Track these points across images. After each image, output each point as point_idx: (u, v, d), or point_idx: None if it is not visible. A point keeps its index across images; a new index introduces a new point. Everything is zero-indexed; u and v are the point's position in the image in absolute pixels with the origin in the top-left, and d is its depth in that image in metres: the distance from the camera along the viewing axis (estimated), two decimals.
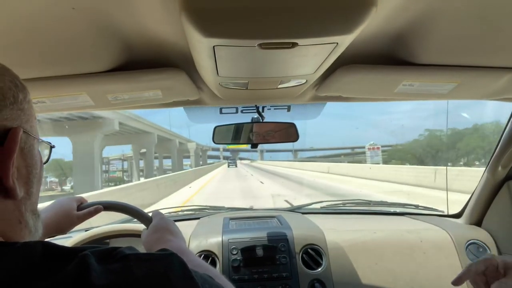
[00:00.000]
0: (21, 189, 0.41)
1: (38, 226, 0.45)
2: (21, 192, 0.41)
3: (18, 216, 0.41)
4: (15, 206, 0.41)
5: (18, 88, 0.42)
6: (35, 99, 0.89)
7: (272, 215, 1.61)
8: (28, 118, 0.44)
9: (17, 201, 0.41)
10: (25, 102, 0.43)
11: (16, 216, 0.41)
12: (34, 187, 0.44)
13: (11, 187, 0.39)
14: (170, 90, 0.96)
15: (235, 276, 1.22)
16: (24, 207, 0.42)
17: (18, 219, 0.41)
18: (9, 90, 0.40)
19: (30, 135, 0.43)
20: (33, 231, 0.44)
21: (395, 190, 11.45)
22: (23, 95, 0.43)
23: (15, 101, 0.41)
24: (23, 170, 0.42)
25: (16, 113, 0.41)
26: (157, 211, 0.84)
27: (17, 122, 0.41)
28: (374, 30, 0.70)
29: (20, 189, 0.41)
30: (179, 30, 0.63)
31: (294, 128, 1.18)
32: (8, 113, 0.40)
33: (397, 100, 1.13)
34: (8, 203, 0.40)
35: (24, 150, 0.42)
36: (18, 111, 0.42)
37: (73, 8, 0.57)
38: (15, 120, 0.41)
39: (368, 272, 1.28)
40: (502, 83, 0.92)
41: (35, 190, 0.45)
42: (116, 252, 0.37)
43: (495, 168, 1.33)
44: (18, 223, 0.41)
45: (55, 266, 0.33)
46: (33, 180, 0.44)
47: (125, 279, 0.34)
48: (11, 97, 0.40)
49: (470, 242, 1.34)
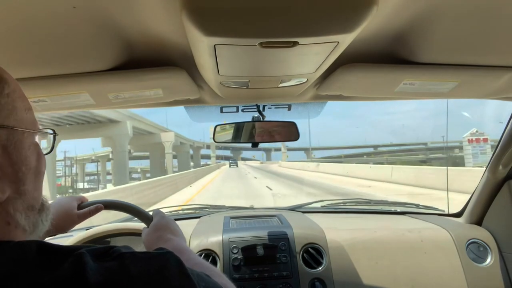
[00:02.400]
0: (6, 190, 0.38)
1: (37, 222, 0.43)
2: (6, 192, 0.38)
3: (5, 217, 0.39)
4: (1, 208, 0.38)
5: None
6: (36, 98, 0.89)
7: (273, 214, 1.61)
8: (8, 113, 0.40)
9: (3, 203, 0.38)
10: (3, 95, 0.40)
11: (3, 217, 0.39)
12: (27, 184, 0.42)
13: None
14: (171, 89, 0.96)
15: (236, 275, 1.22)
16: (13, 207, 0.40)
17: (6, 221, 0.39)
18: None
19: (14, 130, 0.40)
20: (29, 229, 0.41)
21: None
22: (0, 88, 0.40)
23: None
24: (8, 168, 0.39)
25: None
26: (158, 210, 0.84)
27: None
28: (375, 29, 0.70)
29: (4, 189, 0.38)
30: (180, 29, 0.63)
31: (294, 127, 1.18)
32: None
33: (398, 99, 1.13)
34: None
35: (8, 148, 0.39)
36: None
37: (74, 7, 0.57)
38: None
39: (368, 271, 1.28)
40: (502, 82, 0.92)
41: (32, 186, 0.42)
42: (112, 250, 0.37)
43: (496, 167, 1.33)
44: (6, 224, 0.39)
45: (51, 264, 0.33)
46: (24, 177, 0.41)
47: (120, 276, 0.34)
48: None
49: (471, 241, 1.34)
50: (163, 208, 1.73)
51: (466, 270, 1.28)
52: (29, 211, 0.42)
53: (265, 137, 1.18)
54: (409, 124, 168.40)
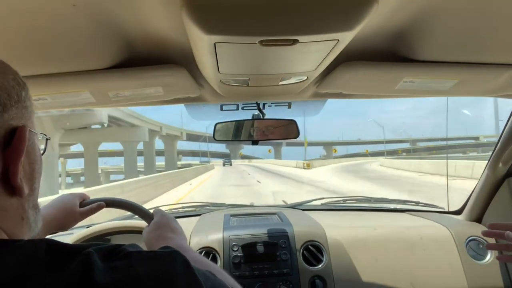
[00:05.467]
0: (26, 187, 0.41)
1: (38, 220, 0.46)
2: (27, 189, 0.41)
3: (21, 213, 0.42)
4: (19, 203, 0.41)
5: (20, 86, 0.42)
6: (36, 96, 0.89)
7: (273, 211, 1.62)
8: (30, 115, 0.43)
9: (22, 199, 0.41)
10: (27, 99, 0.43)
11: (20, 213, 0.41)
12: (36, 182, 0.44)
13: (19, 186, 0.39)
14: (171, 87, 0.96)
15: (236, 272, 1.23)
16: (27, 204, 0.43)
17: (21, 216, 0.42)
18: (13, 89, 0.40)
19: (32, 132, 0.43)
20: (33, 226, 0.44)
21: None
22: (25, 93, 0.43)
23: (19, 99, 0.41)
24: (27, 167, 0.42)
25: (21, 112, 0.41)
26: (159, 208, 0.84)
27: (22, 120, 0.41)
28: (375, 26, 0.70)
29: (26, 187, 0.41)
30: (180, 27, 0.63)
31: (294, 125, 1.18)
32: (14, 112, 0.40)
33: (398, 97, 1.13)
34: (13, 201, 0.40)
35: (28, 148, 0.42)
36: (22, 109, 0.41)
37: (74, 5, 0.57)
38: (20, 119, 0.41)
39: (368, 268, 1.28)
40: (502, 80, 0.92)
41: (37, 185, 0.45)
42: (120, 249, 0.37)
43: (496, 165, 1.33)
44: (21, 219, 0.42)
45: (59, 263, 0.34)
46: (36, 176, 0.44)
47: (128, 277, 0.34)
48: (15, 95, 0.40)
49: (471, 238, 1.35)
50: (163, 205, 1.73)
51: (466, 267, 1.28)
52: (34, 209, 0.44)
53: (265, 135, 1.18)
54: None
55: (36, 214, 0.45)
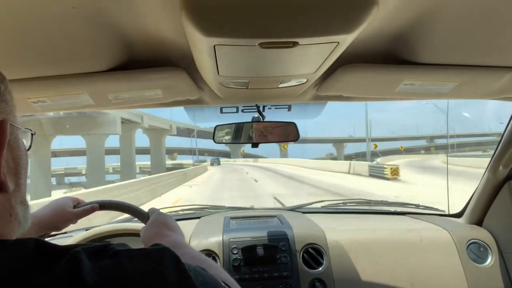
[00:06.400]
0: (11, 182, 0.41)
1: (27, 216, 0.45)
2: (12, 185, 0.40)
3: (8, 209, 0.41)
4: (5, 199, 0.40)
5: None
6: (36, 99, 0.89)
7: (273, 214, 1.61)
8: (11, 109, 0.42)
9: (8, 194, 0.40)
10: (6, 92, 0.42)
11: (7, 209, 0.41)
12: (22, 178, 0.44)
13: (2, 181, 0.39)
14: (170, 90, 0.95)
15: (236, 275, 1.22)
16: (14, 200, 0.42)
17: (9, 212, 0.41)
18: None
19: (14, 126, 0.42)
20: (22, 222, 0.43)
21: None
22: (4, 86, 0.42)
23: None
24: (11, 162, 0.41)
25: (0, 106, 0.40)
26: (153, 208, 0.84)
27: (2, 114, 0.40)
28: (375, 29, 0.70)
29: (11, 182, 0.40)
30: (180, 29, 0.63)
31: (294, 127, 1.18)
32: None
33: (398, 100, 1.13)
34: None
35: (11, 142, 0.41)
36: (2, 103, 0.40)
37: (73, 7, 0.56)
38: (0, 113, 0.40)
39: (368, 271, 1.28)
40: (502, 82, 0.92)
41: (23, 180, 0.44)
42: (108, 248, 0.37)
43: (496, 168, 1.32)
44: (9, 215, 0.41)
45: (47, 262, 0.33)
46: (21, 172, 0.43)
47: (116, 275, 0.34)
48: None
49: (471, 241, 1.34)
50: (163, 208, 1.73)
51: (467, 270, 1.28)
52: (22, 205, 0.44)
53: (265, 138, 1.18)
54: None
55: (25, 210, 0.44)
